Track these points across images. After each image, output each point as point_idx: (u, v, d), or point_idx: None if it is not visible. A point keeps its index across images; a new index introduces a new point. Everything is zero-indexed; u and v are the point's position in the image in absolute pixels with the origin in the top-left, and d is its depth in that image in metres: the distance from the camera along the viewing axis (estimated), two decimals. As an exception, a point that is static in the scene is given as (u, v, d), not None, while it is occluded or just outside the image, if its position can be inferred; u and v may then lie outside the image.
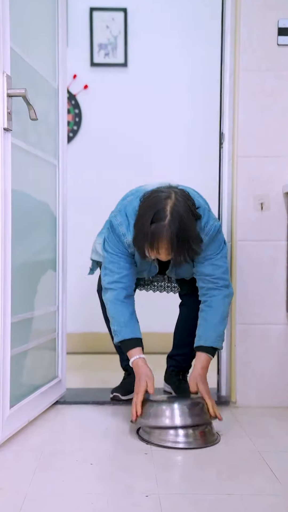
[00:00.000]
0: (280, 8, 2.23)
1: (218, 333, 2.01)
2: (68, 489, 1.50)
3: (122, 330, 1.99)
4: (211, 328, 2.00)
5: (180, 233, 1.77)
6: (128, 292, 2.03)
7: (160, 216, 1.77)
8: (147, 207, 1.82)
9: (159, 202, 1.80)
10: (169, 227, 1.76)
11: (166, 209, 1.78)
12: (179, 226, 1.77)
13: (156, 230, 1.77)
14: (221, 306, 2.01)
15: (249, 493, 1.48)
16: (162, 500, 1.43)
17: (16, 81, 1.82)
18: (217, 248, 2.00)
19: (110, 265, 2.02)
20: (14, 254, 1.82)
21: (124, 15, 3.34)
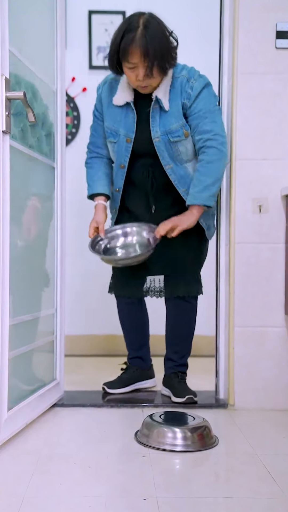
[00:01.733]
0: (278, 11, 2.24)
1: (211, 192, 2.14)
2: (65, 492, 1.49)
3: (88, 189, 2.34)
4: (204, 188, 2.13)
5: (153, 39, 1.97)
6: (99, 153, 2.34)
7: (131, 27, 1.96)
8: (122, 23, 2.03)
9: (131, 17, 2.00)
10: (141, 34, 1.95)
11: (138, 21, 1.98)
12: (151, 33, 1.97)
13: (128, 38, 1.95)
14: (215, 168, 2.14)
15: (247, 496, 1.48)
16: (160, 504, 1.42)
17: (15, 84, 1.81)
18: (212, 101, 2.14)
19: (91, 129, 2.36)
20: (12, 256, 1.82)
21: (122, 18, 3.34)
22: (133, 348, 2.46)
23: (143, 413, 2.17)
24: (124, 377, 2.43)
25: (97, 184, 2.31)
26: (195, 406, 2.26)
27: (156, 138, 2.17)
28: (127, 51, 1.98)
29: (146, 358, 2.47)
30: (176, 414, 2.02)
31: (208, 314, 2.52)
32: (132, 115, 2.17)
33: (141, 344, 2.46)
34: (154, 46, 1.98)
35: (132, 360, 2.46)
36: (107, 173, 2.34)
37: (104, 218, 2.29)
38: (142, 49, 1.97)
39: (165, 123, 2.15)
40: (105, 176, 2.33)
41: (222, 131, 2.16)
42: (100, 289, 2.47)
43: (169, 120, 2.15)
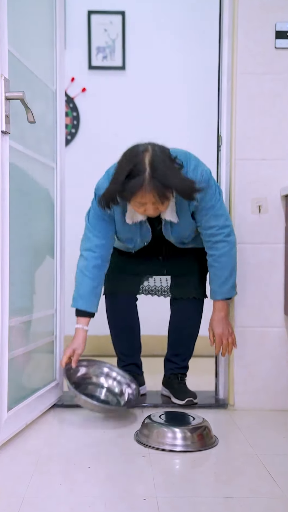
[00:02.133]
0: (277, 11, 2.24)
1: (231, 284, 2.14)
2: (65, 492, 1.49)
3: (79, 301, 2.13)
4: (223, 283, 2.13)
5: (162, 182, 1.82)
6: (97, 262, 2.12)
7: (139, 170, 1.82)
8: (124, 162, 1.88)
9: (136, 156, 1.85)
10: (150, 179, 1.81)
11: (144, 162, 1.83)
12: (159, 176, 1.82)
13: (137, 184, 1.82)
14: (228, 260, 2.11)
15: (247, 496, 1.48)
16: (160, 504, 1.42)
17: (14, 84, 1.82)
18: (213, 195, 2.04)
19: (87, 232, 2.13)
20: (11, 257, 1.82)
21: (122, 18, 3.34)
22: (127, 354, 2.38)
23: (143, 413, 2.17)
24: None
25: (90, 302, 2.13)
26: (195, 406, 2.26)
27: (170, 240, 2.20)
28: (137, 195, 1.86)
29: (139, 364, 2.43)
30: (176, 414, 2.02)
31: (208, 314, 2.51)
32: (146, 228, 2.12)
33: (135, 350, 2.40)
34: (164, 186, 1.84)
35: (128, 367, 2.37)
36: (101, 290, 2.20)
37: (83, 348, 2.16)
38: (153, 192, 1.84)
39: (178, 233, 2.14)
40: (99, 293, 2.17)
41: (226, 221, 2.09)
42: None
43: (181, 231, 2.13)
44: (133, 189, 1.83)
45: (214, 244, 2.10)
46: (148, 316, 2.54)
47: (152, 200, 1.86)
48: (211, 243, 2.11)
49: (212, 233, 2.09)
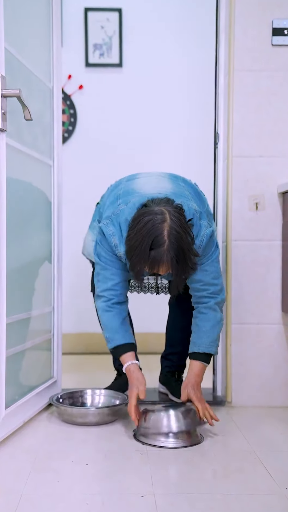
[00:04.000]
0: (274, 8, 2.24)
1: (211, 338, 2.01)
2: (63, 489, 1.50)
3: (115, 337, 2.01)
4: (203, 334, 2.01)
5: (179, 255, 1.78)
6: (120, 299, 2.03)
7: (158, 242, 1.76)
8: (143, 233, 1.78)
9: (155, 228, 1.77)
10: (169, 252, 1.76)
11: (163, 234, 1.76)
12: (177, 249, 1.77)
13: (157, 256, 1.77)
14: (212, 313, 2.01)
15: (244, 492, 1.49)
16: (158, 500, 1.43)
17: (11, 82, 1.81)
18: (207, 254, 1.98)
19: (103, 272, 2.01)
20: (9, 254, 1.82)
21: (119, 15, 3.34)
22: None
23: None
24: (120, 382, 2.33)
25: (126, 333, 2.02)
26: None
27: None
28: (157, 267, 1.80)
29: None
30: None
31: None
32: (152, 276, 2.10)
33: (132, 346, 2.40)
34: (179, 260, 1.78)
35: None
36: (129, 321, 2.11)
37: (145, 382, 1.98)
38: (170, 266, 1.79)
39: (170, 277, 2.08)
40: (128, 324, 2.08)
41: (214, 279, 2.00)
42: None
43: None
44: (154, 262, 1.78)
45: (198, 299, 2.04)
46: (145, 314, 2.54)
47: (166, 269, 1.82)
48: (196, 297, 2.04)
49: (197, 287, 2.02)
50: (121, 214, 1.94)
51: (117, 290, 2.02)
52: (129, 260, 1.85)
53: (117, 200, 2.02)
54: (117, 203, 2.00)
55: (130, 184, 2.09)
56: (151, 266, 1.80)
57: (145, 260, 1.78)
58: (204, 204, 2.12)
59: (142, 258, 1.79)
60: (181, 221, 1.82)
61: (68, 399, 2.19)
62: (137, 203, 1.90)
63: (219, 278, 2.03)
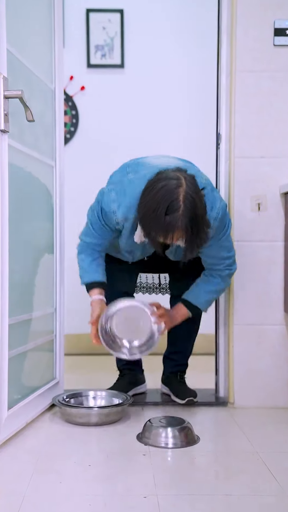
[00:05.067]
0: (276, 8, 2.24)
1: (209, 298, 2.14)
2: (65, 491, 1.50)
3: (84, 275, 2.14)
4: (203, 293, 2.12)
5: (194, 222, 1.76)
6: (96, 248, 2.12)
7: (173, 207, 1.74)
8: (159, 198, 1.76)
9: (171, 193, 1.75)
10: (184, 217, 1.74)
11: (179, 199, 1.74)
12: (193, 215, 1.75)
13: (172, 221, 1.74)
14: (222, 282, 2.12)
15: (247, 493, 1.48)
16: (160, 501, 1.42)
17: (13, 83, 1.82)
18: (222, 229, 2.01)
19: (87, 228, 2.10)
20: (11, 256, 1.82)
21: (120, 16, 3.34)
22: None
23: (143, 411, 2.18)
24: (123, 383, 2.35)
25: (94, 272, 2.12)
26: (195, 404, 2.26)
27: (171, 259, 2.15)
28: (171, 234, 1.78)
29: (140, 362, 2.43)
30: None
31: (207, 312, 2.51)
32: (149, 246, 2.06)
33: None
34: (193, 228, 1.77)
35: (127, 364, 2.38)
36: (103, 262, 2.18)
37: None
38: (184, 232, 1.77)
39: (180, 254, 2.07)
40: (102, 263, 2.16)
41: (228, 252, 2.07)
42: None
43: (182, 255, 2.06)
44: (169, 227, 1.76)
45: (211, 270, 2.09)
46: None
47: (180, 236, 1.79)
48: (211, 270, 2.10)
49: (212, 262, 2.08)
50: (131, 185, 1.93)
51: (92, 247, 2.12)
52: (143, 228, 1.84)
53: (126, 168, 2.04)
54: (126, 171, 2.02)
55: (140, 159, 2.11)
56: (165, 232, 1.77)
57: (160, 226, 1.76)
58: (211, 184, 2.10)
59: (157, 224, 1.76)
60: (196, 187, 1.80)
61: (73, 399, 2.19)
62: (148, 174, 1.88)
63: (232, 250, 2.11)
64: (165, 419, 1.95)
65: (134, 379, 2.37)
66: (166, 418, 1.97)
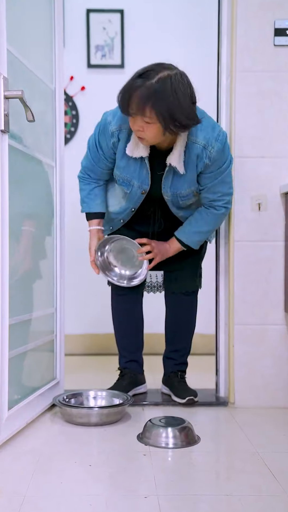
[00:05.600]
0: (276, 8, 2.24)
1: (201, 238, 2.20)
2: (66, 491, 1.50)
3: (82, 205, 2.23)
4: (198, 233, 2.18)
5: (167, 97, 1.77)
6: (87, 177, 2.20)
7: (148, 74, 1.79)
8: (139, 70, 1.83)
9: (157, 65, 1.82)
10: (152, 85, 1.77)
11: (158, 72, 1.80)
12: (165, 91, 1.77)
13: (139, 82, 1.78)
14: (216, 221, 2.17)
15: (248, 493, 1.48)
16: (161, 501, 1.42)
17: (13, 83, 1.82)
18: (225, 160, 2.04)
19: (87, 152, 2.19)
20: (11, 256, 1.82)
21: (120, 16, 3.34)
22: (130, 350, 2.38)
23: (144, 411, 2.17)
24: (123, 383, 2.34)
25: (94, 202, 2.21)
26: (196, 404, 2.26)
27: (166, 197, 2.12)
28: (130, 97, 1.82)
29: (141, 362, 2.43)
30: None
31: (208, 312, 2.52)
32: (146, 171, 2.06)
33: (138, 347, 2.40)
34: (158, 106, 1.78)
35: (128, 363, 2.39)
36: (101, 190, 2.23)
37: None
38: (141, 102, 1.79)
39: (177, 186, 2.07)
40: (99, 193, 2.22)
41: (230, 188, 2.14)
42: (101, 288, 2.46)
43: (181, 185, 2.06)
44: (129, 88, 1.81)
45: (211, 208, 2.14)
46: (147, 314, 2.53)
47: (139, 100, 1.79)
48: (210, 206, 2.15)
49: (214, 198, 2.12)
50: None
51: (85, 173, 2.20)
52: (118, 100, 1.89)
53: None
54: None
55: None
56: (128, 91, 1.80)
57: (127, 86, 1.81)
58: None
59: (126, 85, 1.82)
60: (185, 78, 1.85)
61: (73, 399, 2.19)
62: None
63: (232, 187, 2.15)
64: (165, 419, 1.95)
65: (134, 379, 2.37)
66: (167, 418, 1.97)
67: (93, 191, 2.21)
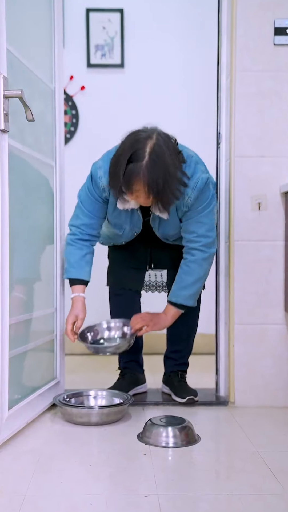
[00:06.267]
0: (276, 8, 2.24)
1: (191, 292, 2.11)
2: (67, 490, 1.50)
3: (70, 270, 2.14)
4: (183, 288, 2.10)
5: (160, 174, 1.74)
6: (84, 237, 2.13)
7: (138, 156, 1.74)
8: (125, 146, 1.79)
9: (138, 142, 1.76)
10: (146, 168, 1.73)
11: (145, 150, 1.74)
12: (157, 167, 1.74)
13: (133, 170, 1.74)
14: (198, 268, 2.08)
15: (248, 493, 1.48)
16: (161, 501, 1.42)
17: (13, 83, 1.82)
18: (203, 203, 1.98)
19: (77, 209, 2.14)
20: (12, 255, 1.82)
21: (120, 16, 3.34)
22: (130, 350, 2.34)
23: (144, 411, 2.18)
24: (123, 383, 2.35)
25: (81, 269, 2.14)
26: (196, 404, 2.26)
27: (157, 235, 2.17)
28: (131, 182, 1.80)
29: (141, 362, 2.43)
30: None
31: (208, 312, 2.52)
32: (137, 216, 2.09)
33: (137, 347, 2.38)
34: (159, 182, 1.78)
35: (128, 363, 2.39)
36: (92, 258, 2.20)
37: (85, 314, 2.16)
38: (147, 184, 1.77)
39: (164, 228, 2.11)
40: (90, 261, 2.18)
41: (207, 231, 2.05)
42: (101, 287, 2.47)
43: (168, 228, 2.10)
44: (129, 176, 1.77)
45: (189, 250, 2.07)
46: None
47: (144, 190, 1.79)
48: (187, 248, 2.09)
49: (190, 238, 2.05)
50: (113, 149, 1.96)
51: (83, 230, 2.12)
52: (109, 179, 1.85)
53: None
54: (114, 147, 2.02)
55: None
56: (126, 181, 1.77)
57: (122, 174, 1.76)
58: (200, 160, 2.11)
59: (120, 172, 1.77)
60: (168, 143, 1.80)
61: (73, 399, 2.19)
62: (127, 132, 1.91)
63: (212, 230, 2.07)
64: (165, 418, 1.95)
65: (134, 379, 2.37)
66: (167, 417, 1.97)
67: (85, 258, 2.14)
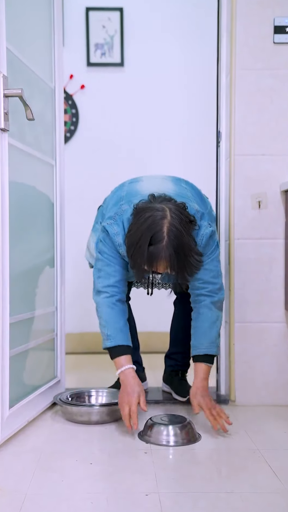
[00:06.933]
0: (276, 6, 2.24)
1: (210, 339, 2.00)
2: (67, 489, 1.50)
3: (117, 336, 1.97)
4: (201, 336, 2.00)
5: (179, 251, 1.77)
6: (122, 297, 2.03)
7: (157, 238, 1.76)
8: (143, 229, 1.79)
9: (155, 224, 1.77)
10: (167, 249, 1.76)
11: (163, 231, 1.76)
12: (177, 245, 1.77)
13: (154, 252, 1.76)
14: (208, 312, 2.00)
15: (249, 491, 1.49)
16: (162, 499, 1.43)
17: (13, 82, 1.82)
18: (206, 253, 1.97)
19: (105, 268, 2.00)
20: (12, 254, 1.82)
21: (120, 14, 3.34)
22: None
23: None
24: None
25: (126, 334, 2.00)
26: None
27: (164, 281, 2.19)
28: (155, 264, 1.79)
29: (140, 360, 2.42)
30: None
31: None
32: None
33: (135, 347, 2.35)
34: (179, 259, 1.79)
35: None
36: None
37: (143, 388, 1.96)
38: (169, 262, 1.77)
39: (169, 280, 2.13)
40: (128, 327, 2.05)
41: (213, 278, 2.00)
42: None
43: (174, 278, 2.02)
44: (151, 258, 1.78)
45: (197, 297, 2.03)
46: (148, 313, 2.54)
47: (165, 267, 1.81)
48: (195, 296, 2.04)
49: (196, 285, 2.02)
50: (124, 214, 1.94)
51: (120, 288, 2.01)
52: (129, 257, 1.86)
53: (120, 201, 2.02)
54: (120, 204, 2.00)
55: (133, 186, 2.09)
56: (149, 262, 1.79)
57: (143, 256, 1.78)
58: (207, 206, 2.12)
59: (141, 254, 1.79)
60: (182, 219, 1.81)
61: (76, 398, 2.19)
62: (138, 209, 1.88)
63: (218, 277, 2.03)
64: (166, 417, 1.95)
65: None
66: (168, 416, 1.97)
67: (127, 322, 2.02)
